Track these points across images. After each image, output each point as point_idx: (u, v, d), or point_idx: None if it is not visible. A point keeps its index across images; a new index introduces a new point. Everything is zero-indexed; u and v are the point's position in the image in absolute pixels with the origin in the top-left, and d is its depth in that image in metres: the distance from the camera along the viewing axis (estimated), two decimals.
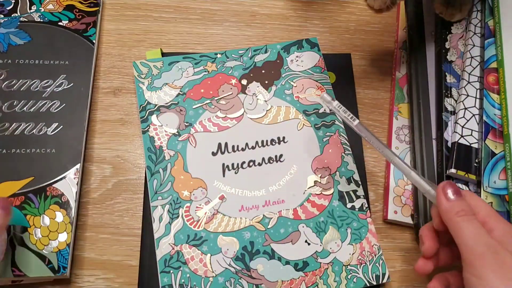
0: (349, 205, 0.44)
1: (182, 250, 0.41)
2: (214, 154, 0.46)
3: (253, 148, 0.46)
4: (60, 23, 0.51)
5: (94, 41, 0.51)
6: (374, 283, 0.42)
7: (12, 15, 0.51)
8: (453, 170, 0.43)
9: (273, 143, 0.46)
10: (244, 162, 0.45)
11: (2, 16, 0.51)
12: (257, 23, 0.56)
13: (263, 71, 0.50)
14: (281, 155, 0.46)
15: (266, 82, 0.50)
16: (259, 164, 0.45)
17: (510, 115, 0.44)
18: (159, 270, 0.40)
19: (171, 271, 0.40)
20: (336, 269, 0.42)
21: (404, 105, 0.51)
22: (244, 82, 0.49)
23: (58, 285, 0.42)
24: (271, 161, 0.46)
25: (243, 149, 0.46)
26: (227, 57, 0.51)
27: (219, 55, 0.50)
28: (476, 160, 0.44)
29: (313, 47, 0.52)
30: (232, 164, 0.45)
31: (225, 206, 0.43)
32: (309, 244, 0.42)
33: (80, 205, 0.45)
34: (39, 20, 0.51)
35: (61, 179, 0.44)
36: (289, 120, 0.48)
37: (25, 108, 0.47)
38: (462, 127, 0.45)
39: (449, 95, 0.48)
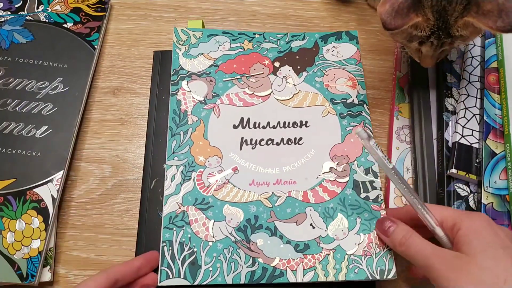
0: (363, 195, 0.44)
1: (188, 211, 0.42)
2: (235, 127, 0.47)
3: (274, 127, 0.47)
4: (64, 25, 0.51)
5: (96, 46, 0.51)
6: (378, 277, 0.40)
7: (19, 13, 0.51)
8: (453, 170, 0.43)
9: (295, 126, 0.47)
10: (262, 140, 0.46)
11: (9, 13, 0.51)
12: (257, 22, 0.56)
13: (297, 57, 0.51)
14: (300, 138, 0.46)
15: (298, 67, 0.50)
16: (277, 144, 0.46)
17: (511, 115, 0.44)
18: (162, 226, 0.41)
19: (174, 229, 0.41)
20: (338, 257, 0.41)
21: (405, 105, 0.50)
22: (276, 64, 0.50)
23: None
24: (290, 143, 0.46)
25: (264, 127, 0.47)
26: (264, 38, 0.52)
27: (257, 35, 0.52)
28: (477, 160, 0.44)
29: (352, 40, 0.52)
30: (251, 140, 0.46)
31: (236, 177, 0.44)
32: (313, 227, 0.42)
33: (79, 205, 0.45)
34: (44, 20, 0.51)
35: (42, 184, 0.43)
36: (315, 106, 0.48)
37: (17, 108, 0.46)
38: (463, 127, 0.45)
39: (449, 95, 0.47)
